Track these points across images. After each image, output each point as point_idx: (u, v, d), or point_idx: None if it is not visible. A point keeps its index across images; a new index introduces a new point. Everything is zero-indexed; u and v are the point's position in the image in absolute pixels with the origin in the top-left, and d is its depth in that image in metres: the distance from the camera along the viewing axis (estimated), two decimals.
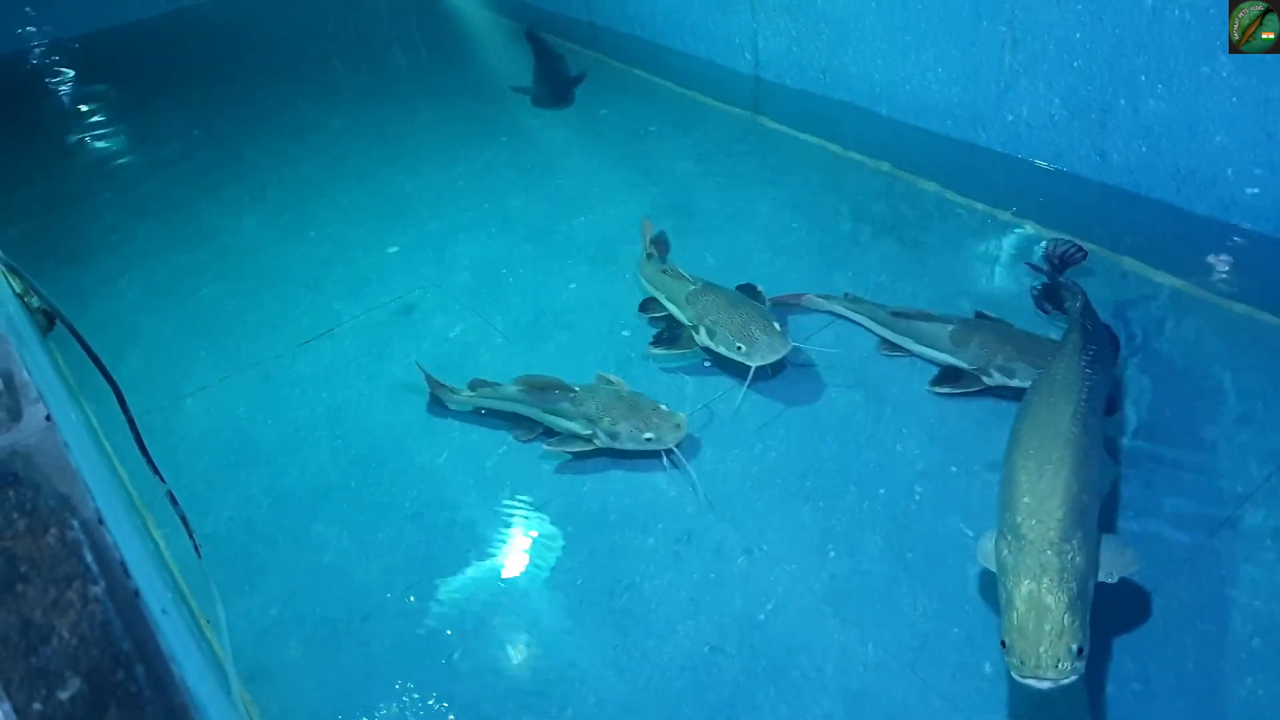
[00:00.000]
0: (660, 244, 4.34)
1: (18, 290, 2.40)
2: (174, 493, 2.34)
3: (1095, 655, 2.43)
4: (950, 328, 3.44)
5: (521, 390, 3.41)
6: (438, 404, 3.65)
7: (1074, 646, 2.15)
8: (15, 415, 1.43)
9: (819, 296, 3.89)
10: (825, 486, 3.13)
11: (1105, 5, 3.93)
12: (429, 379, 3.63)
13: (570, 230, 4.75)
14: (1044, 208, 4.30)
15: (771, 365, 3.42)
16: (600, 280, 4.33)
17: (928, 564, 2.82)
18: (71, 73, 7.96)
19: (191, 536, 2.42)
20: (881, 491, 3.08)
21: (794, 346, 3.47)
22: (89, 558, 1.21)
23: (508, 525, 3.15)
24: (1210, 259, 3.85)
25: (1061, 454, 2.52)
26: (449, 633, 2.81)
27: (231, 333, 4.28)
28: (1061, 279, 3.55)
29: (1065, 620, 2.16)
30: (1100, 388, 2.84)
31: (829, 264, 4.19)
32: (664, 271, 3.95)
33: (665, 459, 3.20)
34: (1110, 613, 2.53)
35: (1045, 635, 2.15)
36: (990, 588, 2.56)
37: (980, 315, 3.59)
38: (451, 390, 3.57)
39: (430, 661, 2.73)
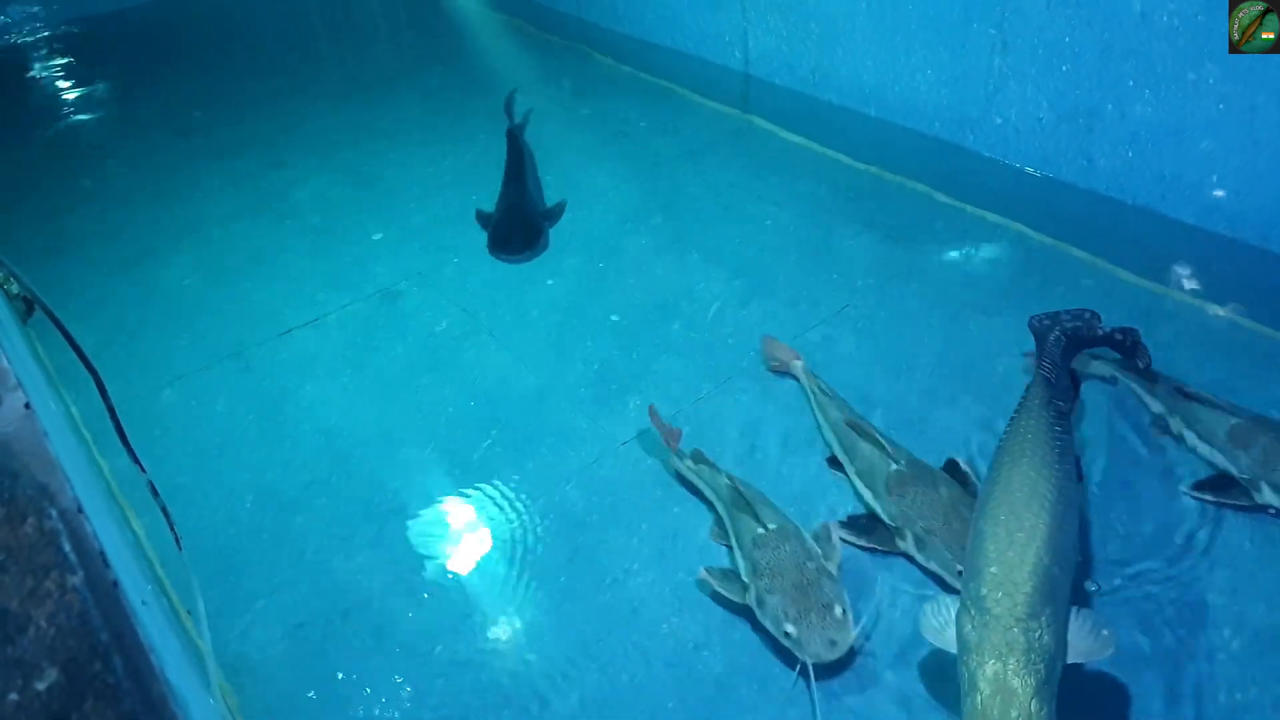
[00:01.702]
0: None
1: None
2: (154, 483, 2.32)
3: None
4: (1232, 421, 2.85)
5: (728, 491, 2.91)
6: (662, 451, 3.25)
7: None
8: None
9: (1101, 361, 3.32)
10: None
11: (1094, 10, 3.95)
12: (658, 423, 3.16)
13: (558, 225, 4.73)
14: (1031, 211, 4.32)
15: None
16: (586, 275, 4.32)
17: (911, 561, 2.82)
18: (58, 59, 7.88)
19: (172, 528, 2.40)
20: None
21: None
22: (67, 547, 1.20)
23: (491, 520, 3.13)
24: (1194, 265, 3.88)
25: (1034, 521, 2.34)
26: (431, 627, 2.80)
27: (214, 322, 4.24)
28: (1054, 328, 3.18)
29: (1032, 707, 2.02)
30: (1070, 447, 2.67)
31: (816, 264, 4.19)
32: (851, 425, 3.07)
33: (796, 667, 2.51)
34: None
35: None
36: None
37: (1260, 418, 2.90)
38: (675, 450, 3.13)
39: (412, 655, 2.72)
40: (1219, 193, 3.86)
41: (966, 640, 2.18)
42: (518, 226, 4.52)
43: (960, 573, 2.53)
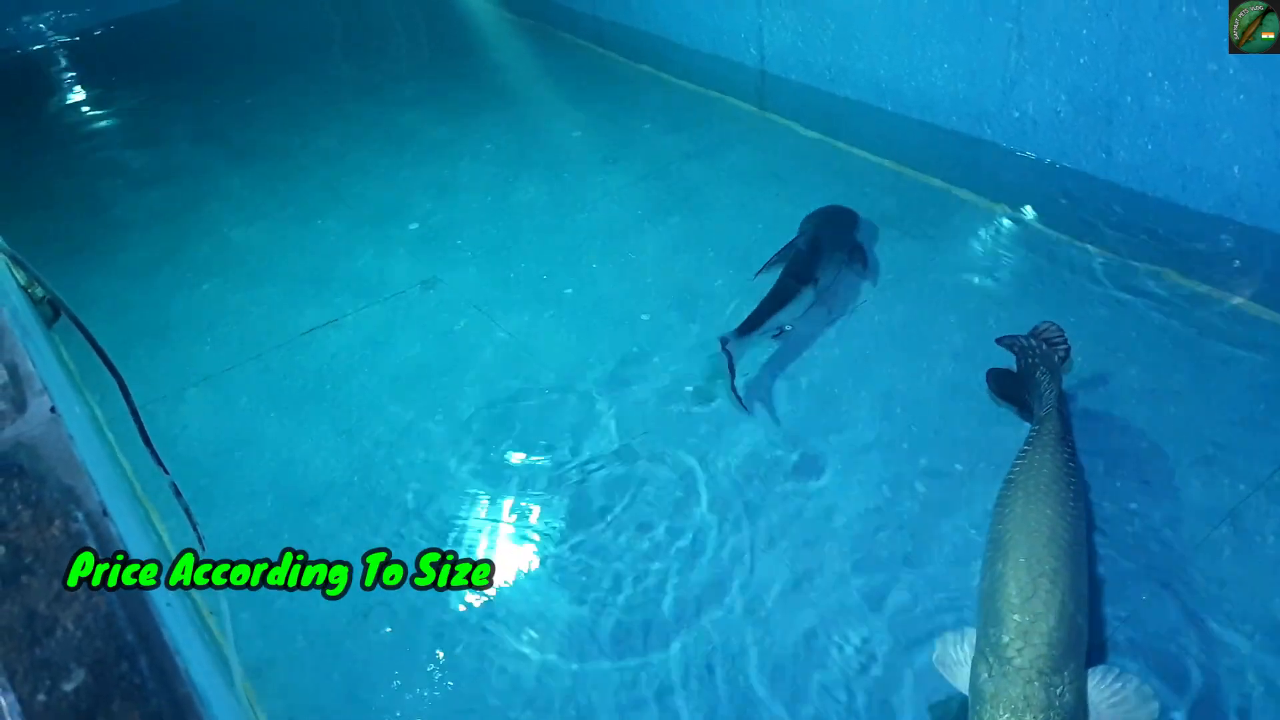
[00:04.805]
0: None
1: (22, 282, 2.40)
2: (177, 484, 2.34)
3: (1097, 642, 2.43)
4: None
5: None
6: None
7: None
8: (20, 407, 1.43)
9: None
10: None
11: (1112, 1, 3.92)
12: None
13: (574, 225, 4.74)
14: (1050, 204, 4.29)
15: None
16: (604, 275, 4.32)
17: (927, 557, 2.82)
18: (79, 65, 7.96)
19: (195, 529, 2.42)
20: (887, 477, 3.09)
21: None
22: (93, 549, 1.21)
23: (511, 522, 3.15)
24: (1216, 257, 3.84)
25: (1056, 565, 2.22)
26: (452, 629, 2.81)
27: (235, 324, 4.28)
28: (1037, 359, 3.11)
29: None
30: (1085, 487, 2.57)
31: None
32: None
33: None
34: (1113, 611, 2.53)
35: None
36: None
37: None
38: None
39: (433, 657, 2.74)
40: (1241, 184, 3.83)
41: (981, 690, 2.06)
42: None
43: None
